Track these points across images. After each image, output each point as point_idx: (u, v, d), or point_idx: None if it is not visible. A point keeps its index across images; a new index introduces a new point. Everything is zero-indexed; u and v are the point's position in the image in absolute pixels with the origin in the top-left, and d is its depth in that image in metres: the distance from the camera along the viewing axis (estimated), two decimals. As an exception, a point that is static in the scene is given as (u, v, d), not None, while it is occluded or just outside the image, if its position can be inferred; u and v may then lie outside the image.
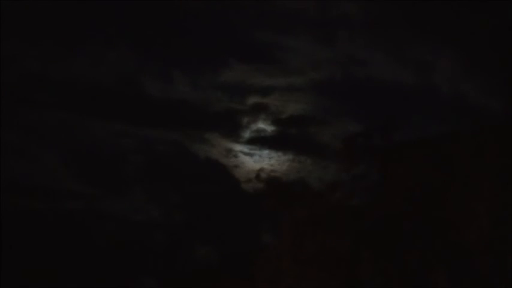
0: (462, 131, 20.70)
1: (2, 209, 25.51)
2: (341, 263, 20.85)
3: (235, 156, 29.23)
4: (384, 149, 21.55)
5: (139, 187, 28.51)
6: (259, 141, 29.62)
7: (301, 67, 30.73)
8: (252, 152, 29.41)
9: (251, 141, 29.70)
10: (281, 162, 26.89)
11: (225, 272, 23.69)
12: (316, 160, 25.21)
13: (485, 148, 19.79)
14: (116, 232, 26.67)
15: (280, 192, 22.50)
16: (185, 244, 26.14)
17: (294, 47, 30.83)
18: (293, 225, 21.74)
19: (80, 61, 30.07)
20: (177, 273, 25.25)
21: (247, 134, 29.78)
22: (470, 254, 19.38)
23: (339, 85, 30.38)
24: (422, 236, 20.10)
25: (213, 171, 28.64)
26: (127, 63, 30.54)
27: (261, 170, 23.20)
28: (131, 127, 29.77)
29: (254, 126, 29.91)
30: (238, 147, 29.46)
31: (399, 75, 29.77)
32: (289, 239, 21.61)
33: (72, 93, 29.42)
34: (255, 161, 28.72)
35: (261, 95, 30.28)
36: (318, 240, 21.21)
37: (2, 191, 25.87)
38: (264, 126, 29.88)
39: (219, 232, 25.97)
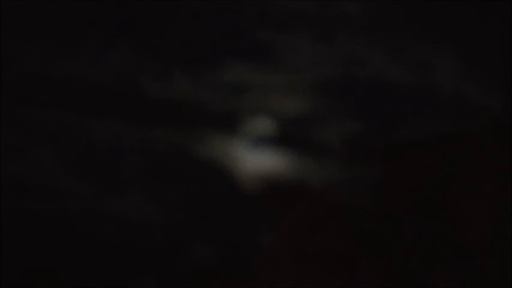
0: (462, 131, 20.76)
1: (2, 209, 25.57)
2: (341, 263, 20.87)
3: (235, 156, 29.27)
4: (384, 149, 21.60)
5: (139, 187, 28.52)
6: (260, 141, 29.64)
7: (301, 67, 30.74)
8: (252, 152, 29.46)
9: (251, 141, 29.73)
10: (281, 162, 26.90)
11: (225, 272, 23.71)
12: (316, 160, 25.20)
13: (485, 148, 19.85)
14: (115, 232, 26.71)
15: (280, 192, 22.51)
16: (185, 244, 26.14)
17: (294, 46, 30.81)
18: (293, 225, 21.75)
19: (80, 61, 30.11)
20: (177, 273, 25.27)
21: (247, 134, 29.83)
22: (470, 254, 19.44)
23: (339, 85, 30.39)
24: (423, 236, 20.15)
25: (213, 171, 28.66)
26: (127, 63, 30.58)
27: (261, 170, 23.22)
28: (131, 127, 29.80)
29: (254, 126, 29.96)
30: (238, 147, 29.50)
31: (399, 75, 29.78)
32: (289, 239, 21.61)
33: (72, 93, 29.43)
34: (255, 161, 28.76)
35: (261, 94, 30.31)
36: (318, 240, 21.21)
37: (2, 191, 25.93)
38: (264, 126, 29.93)
39: (219, 232, 25.98)
